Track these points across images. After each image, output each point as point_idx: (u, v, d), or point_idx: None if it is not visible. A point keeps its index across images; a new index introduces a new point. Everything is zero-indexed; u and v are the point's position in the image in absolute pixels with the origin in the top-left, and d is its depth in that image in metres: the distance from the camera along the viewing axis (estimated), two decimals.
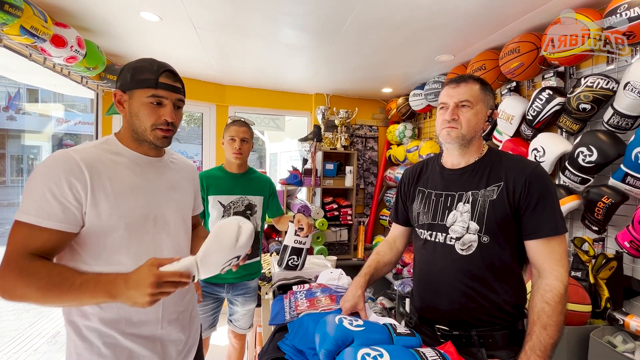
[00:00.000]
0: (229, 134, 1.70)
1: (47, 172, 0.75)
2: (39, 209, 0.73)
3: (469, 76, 1.04)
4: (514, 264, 0.99)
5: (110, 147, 0.87)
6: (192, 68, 2.73)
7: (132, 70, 0.86)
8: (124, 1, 1.66)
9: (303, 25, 1.85)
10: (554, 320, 0.88)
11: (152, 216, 0.89)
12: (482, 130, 1.03)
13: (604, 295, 1.38)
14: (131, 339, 0.85)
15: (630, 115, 1.31)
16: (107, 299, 0.72)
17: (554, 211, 0.93)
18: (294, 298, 1.28)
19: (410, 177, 1.20)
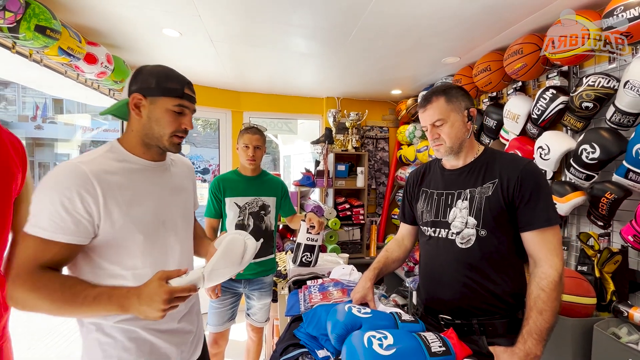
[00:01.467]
0: (243, 142, 1.82)
1: (58, 185, 0.76)
2: (52, 223, 0.74)
3: (432, 93, 1.10)
4: (512, 256, 1.04)
5: (115, 155, 0.88)
6: (209, 77, 2.89)
7: (157, 77, 0.87)
8: (148, 20, 1.81)
9: (312, 35, 1.96)
10: (549, 306, 0.93)
11: (161, 220, 0.92)
12: (467, 132, 1.09)
13: (610, 288, 1.42)
14: (151, 333, 0.90)
15: (631, 113, 1.35)
16: (120, 313, 0.74)
17: (546, 204, 0.99)
18: (308, 292, 1.38)
19: (414, 178, 1.28)
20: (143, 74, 0.88)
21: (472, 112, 1.09)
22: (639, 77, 1.28)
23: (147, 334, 0.89)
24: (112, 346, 0.85)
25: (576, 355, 1.34)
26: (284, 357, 1.02)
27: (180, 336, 0.97)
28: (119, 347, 0.85)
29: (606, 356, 1.23)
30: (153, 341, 0.90)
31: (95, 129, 12.12)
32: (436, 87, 1.12)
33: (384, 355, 0.80)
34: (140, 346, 0.88)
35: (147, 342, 0.89)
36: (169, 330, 0.94)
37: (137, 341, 0.88)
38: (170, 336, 0.94)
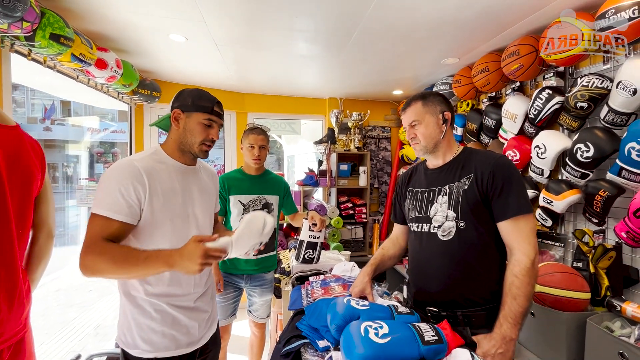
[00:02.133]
0: (248, 142, 1.88)
1: (118, 176, 0.98)
2: (112, 205, 0.95)
3: (412, 99, 1.23)
4: (492, 248, 1.10)
5: (158, 157, 1.10)
6: (214, 79, 2.96)
7: (193, 97, 1.10)
8: (155, 26, 1.88)
9: (314, 39, 2.01)
10: (522, 292, 1.00)
11: (187, 213, 1.12)
12: (440, 133, 1.19)
13: (604, 283, 1.45)
14: (174, 308, 1.09)
15: (624, 112, 1.38)
16: (166, 269, 0.92)
17: (517, 194, 1.06)
18: (310, 287, 1.44)
19: (402, 180, 1.38)
20: (183, 95, 1.11)
21: (446, 115, 1.19)
22: (630, 77, 1.32)
23: (170, 309, 1.08)
24: (142, 315, 1.05)
25: (570, 348, 1.38)
26: (286, 347, 1.07)
27: (197, 314, 1.15)
28: (147, 317, 1.05)
29: (599, 349, 1.27)
30: (175, 315, 1.09)
31: (103, 130, 12.31)
32: (417, 94, 1.24)
33: (379, 343, 0.85)
34: (164, 318, 1.07)
35: (170, 315, 1.08)
36: (188, 307, 1.12)
37: (162, 313, 1.07)
38: (190, 312, 1.12)
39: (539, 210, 1.81)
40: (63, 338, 3.24)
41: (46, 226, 1.10)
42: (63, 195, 11.13)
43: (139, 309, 1.05)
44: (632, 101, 1.33)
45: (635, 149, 1.29)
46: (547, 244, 1.87)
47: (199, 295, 1.17)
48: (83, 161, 12.30)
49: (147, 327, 1.05)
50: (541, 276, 1.48)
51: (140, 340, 1.05)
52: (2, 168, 0.91)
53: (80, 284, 4.74)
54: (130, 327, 1.06)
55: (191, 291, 1.13)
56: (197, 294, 1.16)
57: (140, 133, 2.93)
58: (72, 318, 3.68)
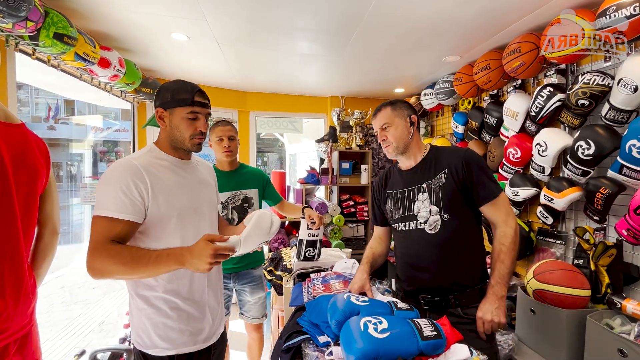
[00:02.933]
0: (216, 135, 1.80)
1: (117, 176, 0.97)
2: (116, 205, 0.94)
3: (381, 105, 1.33)
4: (472, 229, 1.25)
5: (155, 154, 1.09)
6: (216, 78, 2.97)
7: (171, 92, 1.05)
8: (157, 25, 1.89)
9: (315, 37, 2.02)
10: (508, 255, 1.16)
11: (193, 207, 1.12)
12: (409, 135, 1.29)
13: (605, 281, 1.45)
14: (188, 303, 1.09)
15: (625, 110, 1.38)
16: (177, 267, 0.93)
17: (491, 179, 1.21)
18: (311, 284, 1.45)
19: (379, 184, 1.46)
20: (162, 91, 1.07)
21: (413, 118, 1.30)
22: (632, 74, 1.31)
23: (185, 305, 1.08)
24: (157, 314, 1.05)
25: (570, 345, 1.38)
26: (287, 343, 1.09)
27: (210, 310, 1.16)
28: (162, 315, 1.05)
29: (599, 346, 1.27)
30: (190, 311, 1.09)
31: (106, 129, 12.38)
32: (385, 101, 1.34)
33: (378, 338, 0.87)
34: (180, 315, 1.07)
35: (184, 312, 1.08)
36: (201, 301, 1.13)
37: (177, 310, 1.07)
38: (203, 308, 1.13)
39: (540, 208, 1.81)
40: (68, 334, 3.28)
41: (51, 223, 1.12)
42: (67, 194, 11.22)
43: (154, 308, 1.05)
44: (634, 98, 1.33)
45: (636, 146, 1.29)
46: (548, 241, 1.87)
47: (209, 292, 1.18)
48: (87, 160, 12.37)
49: (164, 325, 1.05)
50: (541, 273, 1.48)
51: (158, 338, 1.05)
52: (8, 165, 0.92)
53: (85, 281, 4.79)
54: (146, 327, 1.05)
55: (205, 287, 1.14)
56: (207, 291, 1.17)
57: (143, 132, 2.95)
58: (77, 315, 3.73)
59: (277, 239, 2.98)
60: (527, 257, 1.98)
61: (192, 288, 1.10)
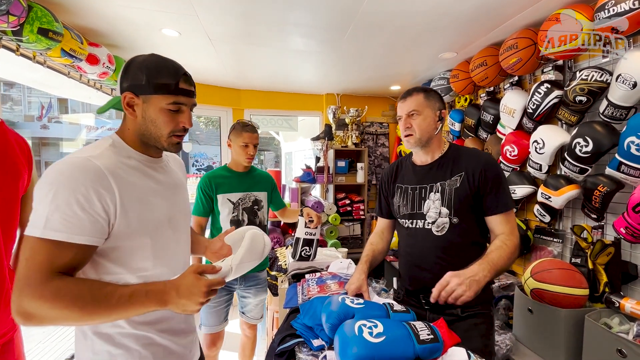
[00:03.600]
0: (243, 140, 1.81)
1: (71, 182, 0.69)
2: (67, 224, 0.67)
3: (413, 89, 1.23)
4: (478, 237, 1.20)
5: (120, 150, 0.82)
6: (209, 75, 2.92)
7: (147, 72, 0.78)
8: (147, 20, 1.84)
9: (309, 33, 1.98)
10: (506, 255, 1.07)
11: (168, 218, 0.88)
12: (435, 130, 1.21)
13: (603, 279, 1.44)
14: (165, 336, 0.86)
15: (624, 106, 1.36)
16: (158, 308, 0.73)
17: (505, 192, 1.15)
18: (306, 285, 1.42)
19: (388, 176, 1.38)
20: (133, 69, 0.79)
21: (443, 113, 1.23)
22: (630, 70, 1.29)
23: (162, 339, 0.85)
24: (126, 356, 0.79)
25: (568, 345, 1.36)
26: (281, 347, 1.06)
27: (187, 337, 0.95)
28: (134, 357, 0.80)
29: (597, 346, 1.26)
30: (167, 345, 0.87)
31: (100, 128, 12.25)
32: (417, 86, 1.25)
33: (373, 343, 0.84)
34: (156, 352, 0.84)
35: (161, 347, 0.85)
36: (179, 331, 0.91)
37: (153, 347, 0.83)
38: (180, 338, 0.92)
39: (537, 206, 1.80)
40: (59, 338, 3.22)
41: None
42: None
43: (122, 349, 0.79)
44: (632, 94, 1.31)
45: (634, 143, 1.27)
46: (545, 239, 1.86)
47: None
48: None
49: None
50: (539, 272, 1.46)
51: None
52: None
53: None
54: None
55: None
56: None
57: None
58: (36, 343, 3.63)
59: (272, 237, 2.94)
60: (525, 255, 1.97)
61: (170, 314, 0.87)
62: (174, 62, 0.83)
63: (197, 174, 9.30)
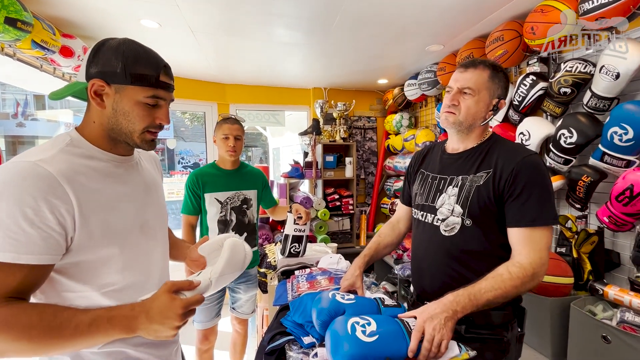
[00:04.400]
0: (222, 132, 1.76)
1: (16, 193, 0.59)
2: (15, 242, 0.58)
3: (481, 61, 1.02)
4: (497, 249, 0.97)
5: (79, 149, 0.71)
6: (193, 69, 2.83)
7: (124, 59, 0.69)
8: (125, 11, 1.76)
9: (294, 24, 1.93)
10: (503, 287, 0.86)
11: (138, 225, 0.79)
12: (483, 119, 1.01)
13: (587, 268, 1.47)
14: (141, 350, 0.78)
15: (607, 97, 1.38)
16: (125, 335, 0.64)
17: (538, 202, 0.91)
18: (296, 281, 1.40)
19: (416, 159, 1.23)
20: (105, 53, 0.70)
21: (500, 104, 1.02)
22: (614, 62, 1.31)
23: (138, 352, 0.77)
24: None
25: (554, 332, 1.39)
26: (271, 345, 1.04)
27: (167, 348, 0.87)
28: None
29: (582, 333, 1.29)
30: (144, 358, 0.79)
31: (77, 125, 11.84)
32: (489, 60, 1.04)
33: (367, 342, 0.82)
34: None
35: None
36: (158, 344, 0.82)
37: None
38: (159, 350, 0.83)
39: None
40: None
41: None
42: None
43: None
44: (615, 85, 1.33)
45: (617, 133, 1.29)
46: None
47: None
48: None
49: None
50: None
51: None
52: None
53: None
54: None
55: None
56: None
57: None
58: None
59: (261, 234, 2.91)
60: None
61: None
62: (154, 52, 0.76)
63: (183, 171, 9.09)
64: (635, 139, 1.25)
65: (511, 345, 0.99)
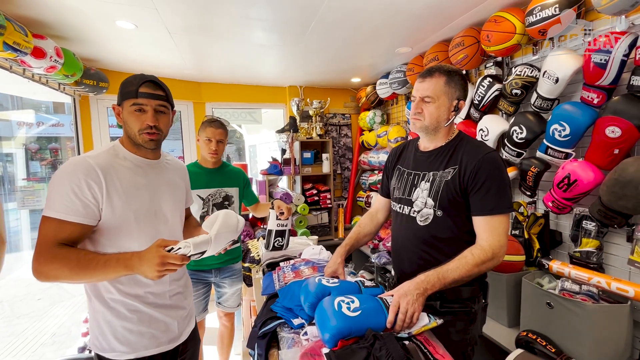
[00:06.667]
0: (206, 135, 1.83)
1: (69, 175, 0.91)
2: (65, 207, 0.89)
3: (436, 69, 1.12)
4: (465, 235, 1.11)
5: (116, 152, 1.03)
6: (167, 68, 2.82)
7: (122, 86, 1.01)
8: (99, 12, 1.75)
9: (272, 27, 2.01)
10: (466, 267, 0.99)
11: (154, 210, 1.06)
12: (446, 120, 1.12)
13: (535, 247, 1.69)
14: (149, 307, 1.05)
15: (549, 98, 1.59)
16: (126, 272, 0.90)
17: (498, 193, 1.04)
18: (281, 272, 1.50)
19: (393, 156, 1.35)
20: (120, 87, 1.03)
21: (460, 105, 1.14)
22: (554, 67, 1.51)
23: (147, 308, 1.04)
24: (115, 317, 1.01)
25: (510, 302, 1.60)
26: (262, 329, 1.13)
27: (174, 311, 1.13)
28: (121, 318, 1.01)
29: (533, 301, 1.49)
30: (152, 313, 1.06)
31: (36, 125, 11.02)
32: (444, 65, 1.14)
33: (351, 317, 0.94)
34: (141, 317, 1.04)
35: (146, 314, 1.05)
36: (164, 305, 1.09)
37: (138, 313, 1.03)
38: (167, 310, 1.10)
39: None
40: (14, 351, 3.00)
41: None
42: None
43: (112, 311, 1.01)
44: (556, 88, 1.53)
45: (557, 129, 1.50)
46: None
47: (175, 292, 1.15)
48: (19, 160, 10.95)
49: (123, 328, 1.02)
50: None
51: (116, 342, 1.01)
52: None
53: (27, 293, 4.36)
54: (103, 330, 1.01)
55: (167, 288, 1.11)
56: (172, 291, 1.14)
57: (88, 126, 2.73)
58: (22, 330, 3.41)
59: (242, 231, 2.96)
60: None
61: (154, 289, 1.07)
62: (145, 75, 1.02)
63: None
64: (571, 134, 1.46)
65: (478, 314, 1.16)
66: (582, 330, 1.27)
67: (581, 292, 1.36)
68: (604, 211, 1.35)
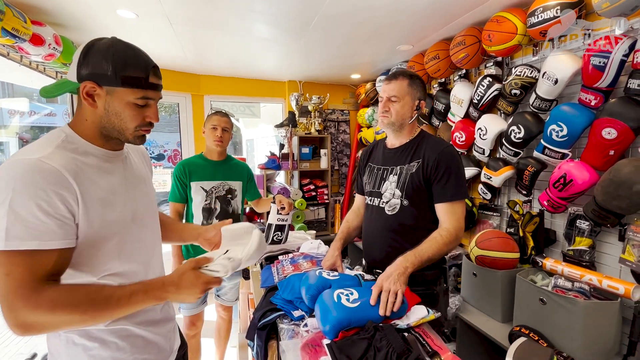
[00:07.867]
0: (211, 123, 1.85)
1: (28, 187, 0.64)
2: (36, 232, 0.65)
3: (400, 72, 1.28)
4: (428, 223, 1.26)
5: (74, 145, 0.76)
6: (167, 59, 2.79)
7: (114, 62, 0.73)
8: (98, 1, 1.73)
9: (274, 22, 2.00)
10: (437, 246, 1.14)
11: (131, 216, 0.85)
12: (410, 118, 1.29)
13: (530, 244, 1.73)
14: (142, 327, 0.86)
15: (548, 99, 1.61)
16: (156, 303, 0.78)
17: (456, 182, 1.21)
18: (280, 265, 1.51)
19: (364, 155, 1.48)
20: (95, 55, 0.73)
21: (421, 104, 1.30)
22: (554, 69, 1.53)
23: (139, 329, 0.86)
24: (103, 349, 0.80)
25: (504, 298, 1.63)
26: (262, 321, 1.15)
27: (164, 326, 0.96)
28: (112, 349, 0.81)
29: (526, 297, 1.52)
30: (144, 335, 0.87)
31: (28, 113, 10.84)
32: (406, 70, 1.30)
33: (350, 307, 0.96)
34: (134, 343, 0.84)
35: (139, 337, 0.86)
36: (156, 321, 0.92)
37: (130, 339, 0.84)
38: (158, 327, 0.92)
39: (481, 185, 2.06)
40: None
41: None
42: None
43: (98, 342, 0.79)
44: (554, 89, 1.56)
45: (555, 130, 1.53)
46: (487, 214, 2.14)
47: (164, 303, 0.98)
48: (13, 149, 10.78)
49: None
50: (481, 242, 1.71)
51: None
52: None
53: None
54: None
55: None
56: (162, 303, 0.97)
57: None
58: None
59: None
60: (471, 229, 2.25)
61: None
62: (143, 53, 0.80)
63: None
64: (569, 135, 1.49)
65: (440, 296, 1.31)
66: (574, 325, 1.30)
67: (573, 289, 1.39)
68: (598, 211, 1.39)
